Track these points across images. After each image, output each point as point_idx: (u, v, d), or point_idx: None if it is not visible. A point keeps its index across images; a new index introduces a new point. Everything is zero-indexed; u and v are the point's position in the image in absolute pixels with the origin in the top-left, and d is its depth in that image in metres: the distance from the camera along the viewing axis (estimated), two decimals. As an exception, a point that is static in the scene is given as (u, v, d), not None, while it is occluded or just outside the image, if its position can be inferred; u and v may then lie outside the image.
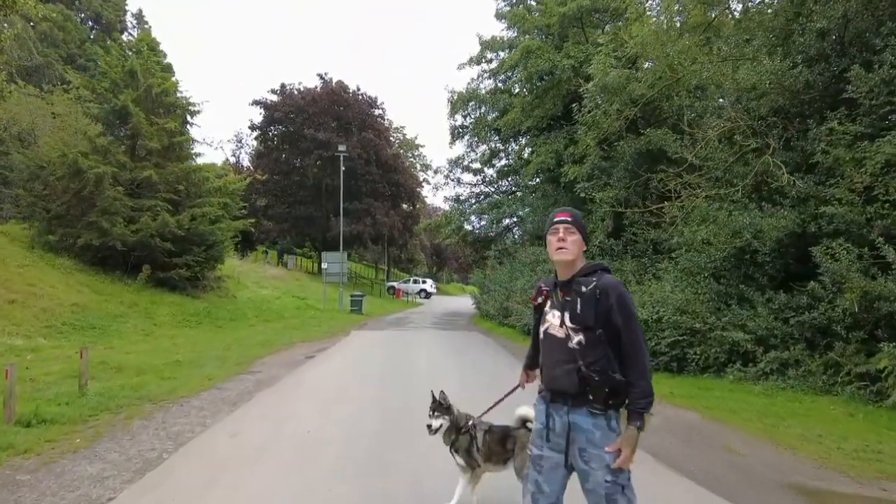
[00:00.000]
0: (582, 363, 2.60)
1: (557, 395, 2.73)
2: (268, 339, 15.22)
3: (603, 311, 2.58)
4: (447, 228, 30.35)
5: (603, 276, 2.71)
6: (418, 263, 66.36)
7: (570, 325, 2.65)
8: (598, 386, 2.57)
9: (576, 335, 2.63)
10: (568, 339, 2.66)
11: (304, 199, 42.53)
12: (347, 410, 7.46)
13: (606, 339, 2.58)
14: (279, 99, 42.35)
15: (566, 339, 2.66)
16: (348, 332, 18.70)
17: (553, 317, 2.77)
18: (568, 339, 2.66)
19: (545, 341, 2.81)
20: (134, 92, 21.18)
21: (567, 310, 2.68)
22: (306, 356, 12.77)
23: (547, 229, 2.86)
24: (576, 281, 2.71)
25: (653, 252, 15.77)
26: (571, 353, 2.63)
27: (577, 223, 2.81)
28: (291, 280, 34.15)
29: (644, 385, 2.55)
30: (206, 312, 19.70)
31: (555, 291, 2.84)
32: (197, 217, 20.92)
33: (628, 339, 2.57)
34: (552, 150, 20.25)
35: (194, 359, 11.63)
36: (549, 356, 2.78)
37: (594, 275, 2.72)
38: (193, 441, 6.03)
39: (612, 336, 2.58)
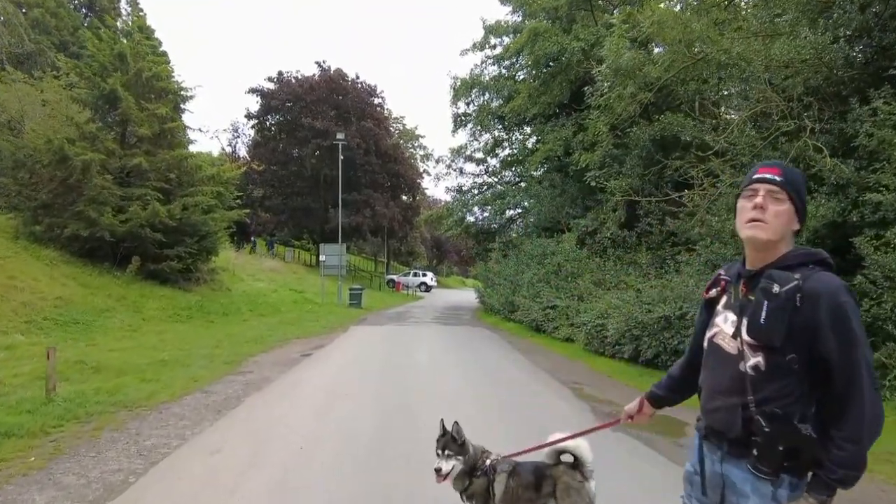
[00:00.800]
0: (752, 398, 1.75)
1: (713, 434, 1.90)
2: (261, 336, 14.40)
3: (802, 328, 1.68)
4: (449, 220, 29.53)
5: (815, 273, 1.75)
6: (418, 256, 65.51)
7: (746, 338, 1.79)
8: (769, 438, 1.70)
9: (752, 355, 1.77)
10: (740, 357, 1.80)
11: (302, 190, 41.62)
12: (345, 420, 6.64)
13: (802, 369, 1.70)
14: (276, 87, 41.34)
15: (737, 358, 1.81)
16: (347, 327, 17.88)
17: (725, 321, 1.91)
18: (740, 357, 1.80)
19: (709, 353, 1.96)
20: (123, 76, 20.27)
21: (746, 315, 1.80)
22: (302, 354, 11.95)
23: (742, 189, 1.94)
24: (768, 274, 1.78)
25: (670, 244, 14.95)
26: (741, 379, 1.78)
27: (792, 184, 1.84)
28: (289, 273, 33.30)
29: (854, 451, 1.64)
30: (197, 306, 18.86)
31: (735, 285, 1.95)
32: (189, 207, 20.04)
33: (844, 376, 1.66)
34: (560, 137, 19.40)
35: (181, 357, 10.80)
36: (711, 376, 1.94)
37: (801, 269, 1.77)
38: (167, 460, 5.20)
39: (815, 366, 1.70)
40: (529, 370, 10.47)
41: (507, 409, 7.28)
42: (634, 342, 11.10)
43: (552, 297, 15.78)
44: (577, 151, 17.21)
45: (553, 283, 16.53)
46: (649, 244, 15.31)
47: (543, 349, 13.50)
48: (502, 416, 6.86)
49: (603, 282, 15.28)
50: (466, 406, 7.20)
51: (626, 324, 11.27)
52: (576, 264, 16.52)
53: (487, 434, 3.64)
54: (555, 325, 15.02)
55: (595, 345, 12.39)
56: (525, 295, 17.33)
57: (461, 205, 28.49)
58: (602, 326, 12.36)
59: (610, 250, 16.25)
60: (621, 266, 15.58)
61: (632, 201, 16.71)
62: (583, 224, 17.63)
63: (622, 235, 15.87)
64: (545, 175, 21.65)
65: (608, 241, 16.64)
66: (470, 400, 7.70)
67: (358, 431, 6.12)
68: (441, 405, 7.13)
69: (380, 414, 6.92)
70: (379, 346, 13.67)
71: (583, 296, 14.99)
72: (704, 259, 11.76)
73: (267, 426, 6.37)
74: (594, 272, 15.70)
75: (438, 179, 47.88)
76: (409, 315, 23.89)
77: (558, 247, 17.79)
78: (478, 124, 26.54)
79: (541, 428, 3.82)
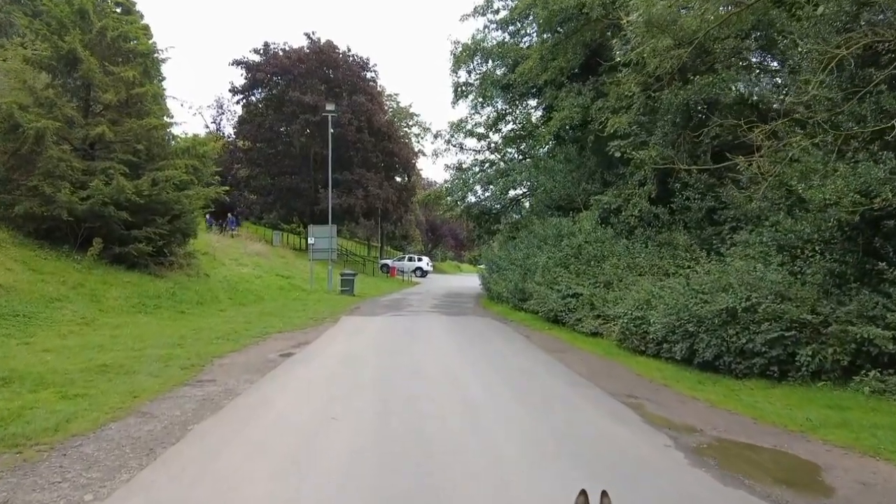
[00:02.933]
0: None
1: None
2: (236, 330, 12.28)
3: None
4: (448, 200, 27.35)
5: None
6: (413, 240, 63.28)
7: None
8: None
9: None
10: None
11: (291, 170, 39.19)
12: (330, 473, 4.57)
13: None
14: (262, 59, 38.74)
15: None
16: (337, 317, 15.79)
17: None
18: None
19: None
20: (84, 34, 17.91)
21: None
22: (281, 354, 9.85)
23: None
24: None
25: (710, 222, 12.93)
26: None
27: None
28: (276, 257, 31.06)
29: None
30: (168, 294, 16.69)
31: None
32: (159, 182, 17.77)
33: None
34: (577, 104, 17.22)
35: (129, 360, 8.66)
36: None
37: None
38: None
39: None
40: (565, 377, 8.42)
41: (562, 447, 5.22)
42: (688, 340, 9.07)
43: (573, 284, 13.71)
44: (604, 116, 15.05)
45: (573, 267, 14.45)
46: (687, 222, 13.25)
47: (569, 346, 11.45)
48: (558, 460, 4.81)
49: (633, 266, 13.24)
50: (504, 442, 5.17)
51: (678, 317, 9.23)
52: (598, 246, 14.45)
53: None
54: (577, 317, 12.98)
55: (633, 341, 10.36)
56: (539, 281, 15.25)
57: (461, 183, 26.30)
58: (642, 320, 10.32)
59: (639, 230, 14.18)
60: (653, 248, 13.53)
61: (663, 174, 14.65)
62: (605, 201, 15.52)
63: (654, 212, 13.79)
64: (558, 148, 19.46)
65: (635, 220, 14.58)
66: (504, 430, 5.65)
67: (348, 492, 4.05)
68: (467, 442, 5.09)
69: (380, 456, 4.85)
70: (375, 342, 11.61)
71: (611, 282, 12.95)
72: (769, 238, 9.74)
73: (213, 479, 4.29)
74: (622, 255, 13.63)
75: (437, 156, 44.67)
76: (405, 303, 21.79)
77: (577, 227, 15.70)
78: (480, 95, 24.25)
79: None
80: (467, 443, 5.13)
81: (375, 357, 9.74)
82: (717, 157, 13.75)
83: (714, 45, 14.02)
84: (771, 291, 8.47)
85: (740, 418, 6.31)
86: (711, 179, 12.89)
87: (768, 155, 9.94)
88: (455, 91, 25.07)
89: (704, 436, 5.62)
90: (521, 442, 5.24)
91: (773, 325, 8.16)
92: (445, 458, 4.70)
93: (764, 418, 6.28)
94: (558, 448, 5.12)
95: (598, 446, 5.19)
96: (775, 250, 9.52)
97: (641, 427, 5.84)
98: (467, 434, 5.40)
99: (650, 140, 14.69)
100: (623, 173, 16.25)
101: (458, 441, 5.17)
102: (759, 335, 8.23)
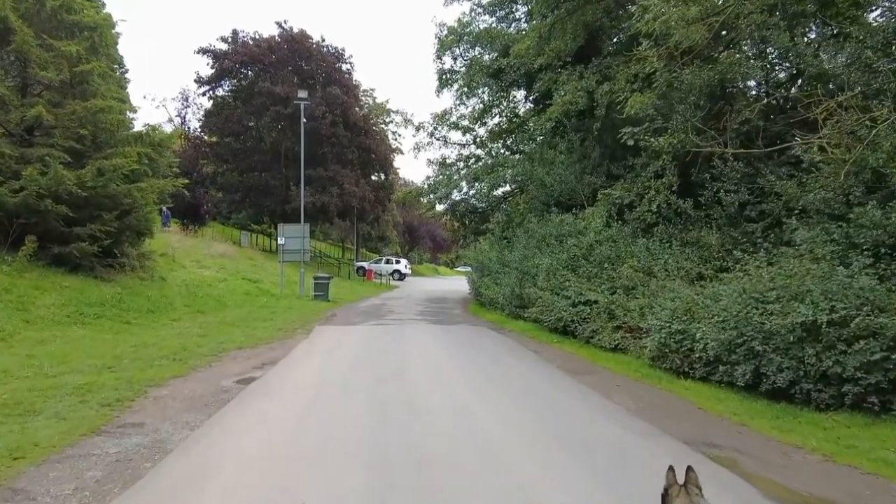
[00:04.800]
0: None
1: None
2: (187, 346, 10.12)
3: None
4: (430, 197, 25.38)
5: None
6: (390, 242, 61.03)
7: None
8: None
9: None
10: None
11: (260, 166, 36.65)
12: None
13: None
14: (230, 48, 36.23)
15: None
16: (310, 328, 13.71)
17: None
18: None
19: None
20: (18, 2, 15.57)
21: None
22: (238, 380, 7.78)
23: None
24: None
25: (745, 218, 11.22)
26: None
27: None
28: (243, 259, 28.68)
29: None
30: (114, 301, 14.41)
31: None
32: (106, 172, 15.45)
33: None
34: (581, 87, 15.42)
35: (33, 395, 6.52)
36: None
37: None
38: None
39: None
40: (609, 413, 6.49)
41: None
42: (752, 361, 7.25)
43: (585, 290, 11.86)
44: (621, 96, 13.24)
45: (583, 270, 12.61)
46: (716, 217, 11.48)
47: (591, 365, 9.56)
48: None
49: (654, 269, 11.44)
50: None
51: (739, 332, 7.41)
52: (612, 246, 12.62)
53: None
54: (592, 328, 11.12)
55: (674, 361, 8.51)
56: (543, 287, 13.35)
57: (446, 179, 24.34)
58: (684, 334, 8.48)
59: (660, 227, 12.41)
60: (676, 247, 11.76)
61: (684, 164, 12.92)
62: (616, 195, 13.72)
63: (678, 207, 12.00)
64: (558, 138, 17.60)
65: (653, 216, 12.81)
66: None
67: None
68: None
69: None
70: (356, 361, 9.58)
71: (632, 287, 11.12)
72: (841, 235, 8.00)
73: None
74: (641, 256, 11.82)
75: (418, 150, 39.97)
76: (387, 309, 19.73)
77: (585, 224, 13.86)
78: (467, 83, 22.31)
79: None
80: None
81: (358, 384, 7.72)
82: (747, 142, 12.12)
83: (740, 21, 12.37)
84: (863, 301, 6.70)
85: (883, 483, 4.47)
86: (747, 169, 11.17)
87: (838, 134, 8.18)
88: (440, 78, 23.14)
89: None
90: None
91: (872, 343, 6.38)
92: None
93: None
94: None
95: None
96: (844, 248, 7.80)
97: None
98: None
99: (668, 126, 12.98)
100: (633, 165, 14.50)
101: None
102: (852, 356, 6.44)
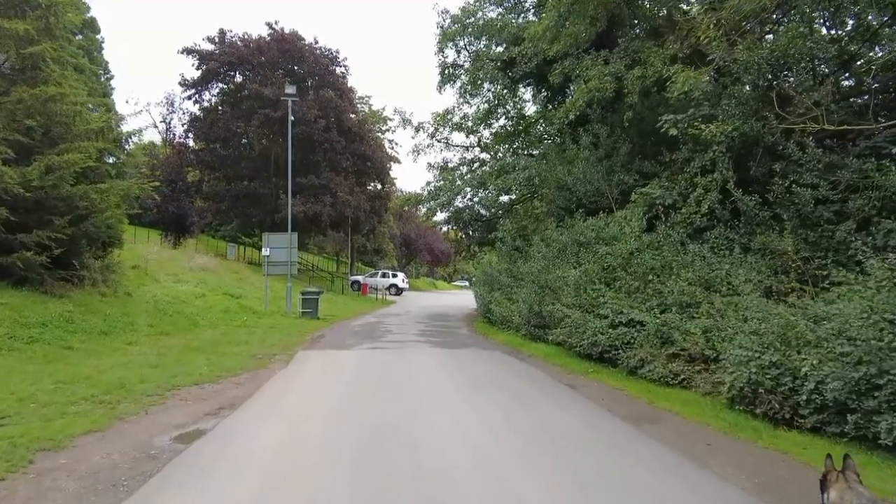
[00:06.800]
0: None
1: None
2: (127, 380, 7.85)
3: None
4: (431, 204, 23.21)
5: None
6: (386, 255, 58.67)
7: None
8: None
9: None
10: None
11: (248, 173, 34.37)
12: None
13: None
14: (217, 49, 34.12)
15: None
16: (292, 353, 11.48)
17: None
18: None
19: None
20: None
21: None
22: (176, 437, 5.55)
23: None
24: None
25: (824, 220, 9.12)
26: None
27: None
28: (227, 273, 26.40)
29: None
30: (61, 320, 12.16)
31: None
32: (56, 169, 13.28)
33: None
34: (609, 72, 13.36)
35: None
36: None
37: None
38: None
39: None
40: (725, 499, 4.30)
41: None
42: None
43: (626, 307, 9.68)
44: (672, 72, 11.19)
45: (622, 283, 10.43)
46: (784, 219, 9.33)
47: (649, 406, 7.35)
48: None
49: (711, 282, 9.29)
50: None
51: (879, 368, 5.27)
52: (656, 254, 10.47)
53: None
54: (639, 356, 8.91)
55: (771, 404, 6.33)
56: (570, 303, 11.14)
57: (448, 184, 22.18)
58: (782, 368, 6.31)
59: (716, 230, 10.25)
60: (737, 256, 9.62)
61: (737, 158, 10.83)
62: (656, 195, 11.59)
63: (745, 204, 9.82)
64: (577, 131, 15.47)
65: (702, 219, 10.68)
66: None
67: None
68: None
69: None
70: (342, 404, 7.36)
71: (691, 304, 8.96)
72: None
73: None
74: (696, 266, 9.66)
75: (418, 153, 35.39)
76: (383, 329, 17.44)
77: (619, 229, 11.70)
78: (472, 77, 20.18)
79: None
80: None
81: (343, 446, 5.48)
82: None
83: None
84: None
85: None
86: (830, 157, 9.06)
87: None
88: (442, 73, 21.06)
89: None
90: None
91: None
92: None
93: None
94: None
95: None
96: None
97: None
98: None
99: (717, 112, 10.92)
100: (672, 160, 12.41)
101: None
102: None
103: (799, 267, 8.79)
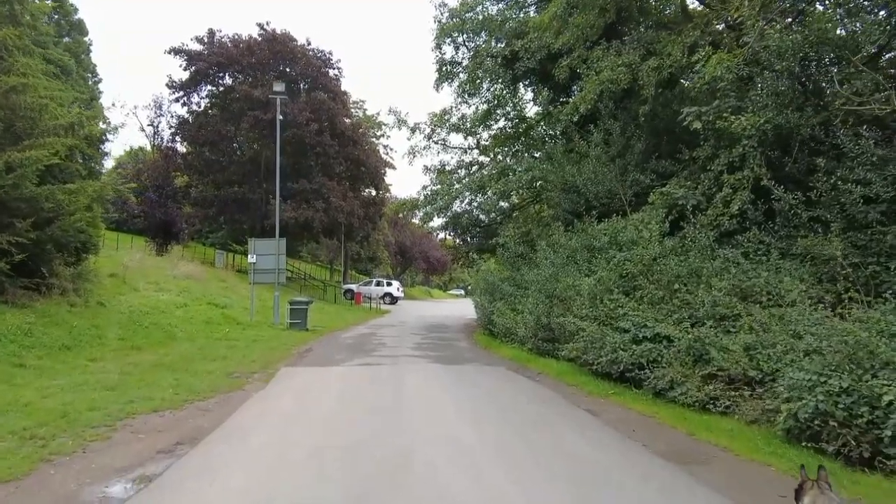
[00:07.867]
0: None
1: None
2: (73, 408, 6.66)
3: None
4: (427, 209, 22.10)
5: None
6: (381, 262, 57.43)
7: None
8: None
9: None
10: None
11: (237, 178, 33.21)
12: None
13: None
14: (206, 49, 33.01)
15: None
16: (274, 370, 10.32)
17: None
18: None
19: None
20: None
21: None
22: (102, 499, 4.36)
23: None
24: None
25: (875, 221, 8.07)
26: None
27: None
28: (213, 281, 25.18)
29: None
30: (19, 333, 10.97)
31: None
32: (17, 167, 12.12)
33: None
34: (620, 63, 12.34)
35: None
36: None
37: None
38: None
39: None
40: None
41: None
42: None
43: (651, 320, 8.57)
44: (705, 55, 10.17)
45: (645, 293, 9.32)
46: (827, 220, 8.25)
47: (689, 439, 6.22)
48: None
49: (748, 292, 8.21)
50: None
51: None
52: (682, 261, 9.37)
53: None
54: (668, 376, 7.78)
55: (844, 438, 5.22)
56: (584, 315, 10.01)
57: (446, 188, 21.08)
58: (856, 397, 5.22)
59: (750, 232, 9.18)
60: (774, 261, 8.54)
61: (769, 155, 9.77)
62: (677, 195, 10.51)
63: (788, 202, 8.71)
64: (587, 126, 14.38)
65: (731, 222, 9.60)
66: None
67: None
68: None
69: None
70: (327, 437, 6.20)
71: (730, 317, 7.87)
72: None
73: None
74: (730, 274, 8.57)
75: (414, 155, 32.78)
76: (376, 341, 16.27)
77: (638, 232, 10.59)
78: (472, 74, 19.13)
79: None
80: None
81: (327, 496, 4.34)
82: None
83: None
84: None
85: None
86: (883, 151, 8.02)
87: None
88: (439, 70, 20.02)
89: None
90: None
91: None
92: None
93: None
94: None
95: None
96: None
97: None
98: None
99: (747, 104, 9.90)
100: (693, 157, 11.35)
101: None
102: None
103: (849, 274, 7.70)
